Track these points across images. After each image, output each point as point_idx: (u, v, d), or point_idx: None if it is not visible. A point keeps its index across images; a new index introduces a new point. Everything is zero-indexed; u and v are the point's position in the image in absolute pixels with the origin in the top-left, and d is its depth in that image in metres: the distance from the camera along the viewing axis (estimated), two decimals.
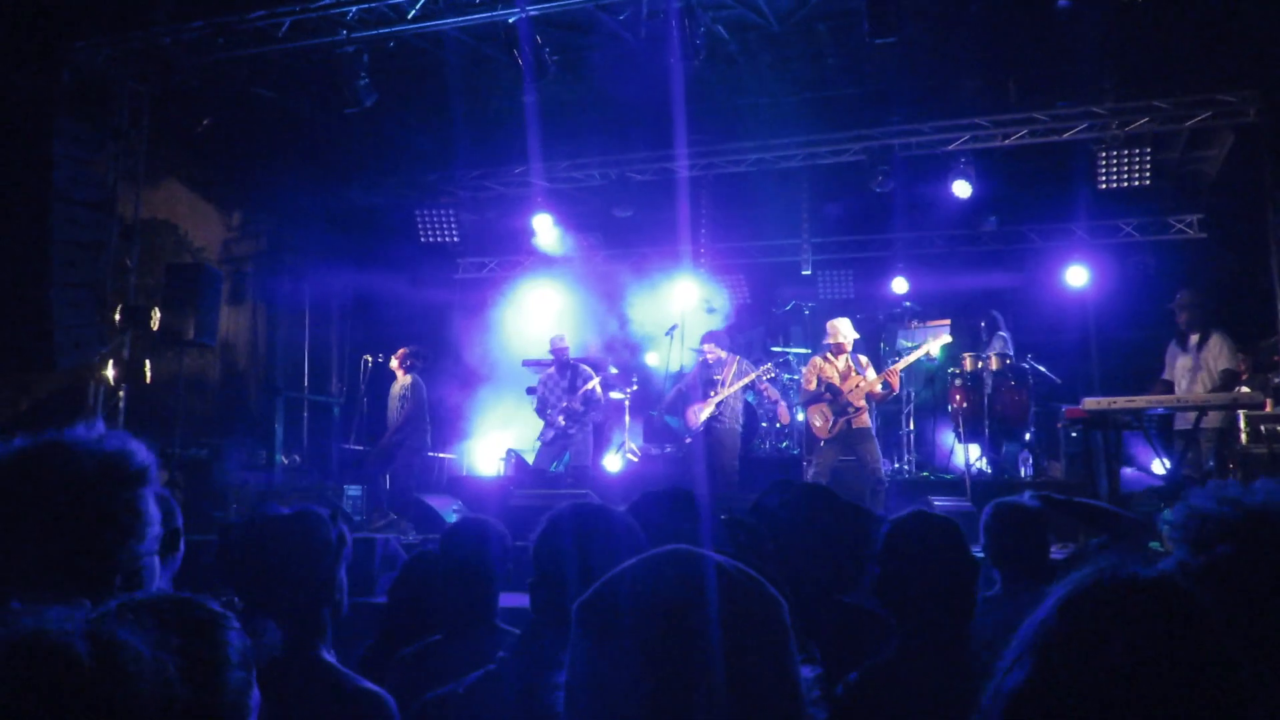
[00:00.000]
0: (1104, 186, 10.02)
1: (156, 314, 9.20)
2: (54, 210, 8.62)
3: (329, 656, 2.38)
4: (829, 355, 8.79)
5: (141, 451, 1.72)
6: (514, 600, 5.13)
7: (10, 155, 8.60)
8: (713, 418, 9.37)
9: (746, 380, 9.45)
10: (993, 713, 0.93)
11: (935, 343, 9.35)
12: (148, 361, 9.35)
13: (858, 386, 8.55)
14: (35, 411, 9.12)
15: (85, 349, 8.92)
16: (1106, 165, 9.93)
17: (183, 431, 9.84)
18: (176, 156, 10.62)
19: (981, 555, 3.90)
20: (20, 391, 9.24)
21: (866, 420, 8.59)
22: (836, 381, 8.62)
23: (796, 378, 11.21)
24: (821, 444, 8.73)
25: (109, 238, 9.24)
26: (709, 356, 9.63)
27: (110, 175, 9.29)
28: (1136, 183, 9.91)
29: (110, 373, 9.09)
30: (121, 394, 9.28)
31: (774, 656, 1.05)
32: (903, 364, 9.16)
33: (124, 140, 9.43)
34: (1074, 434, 9.47)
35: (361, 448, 11.50)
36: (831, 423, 8.58)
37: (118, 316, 9.10)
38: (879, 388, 8.65)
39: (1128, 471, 8.64)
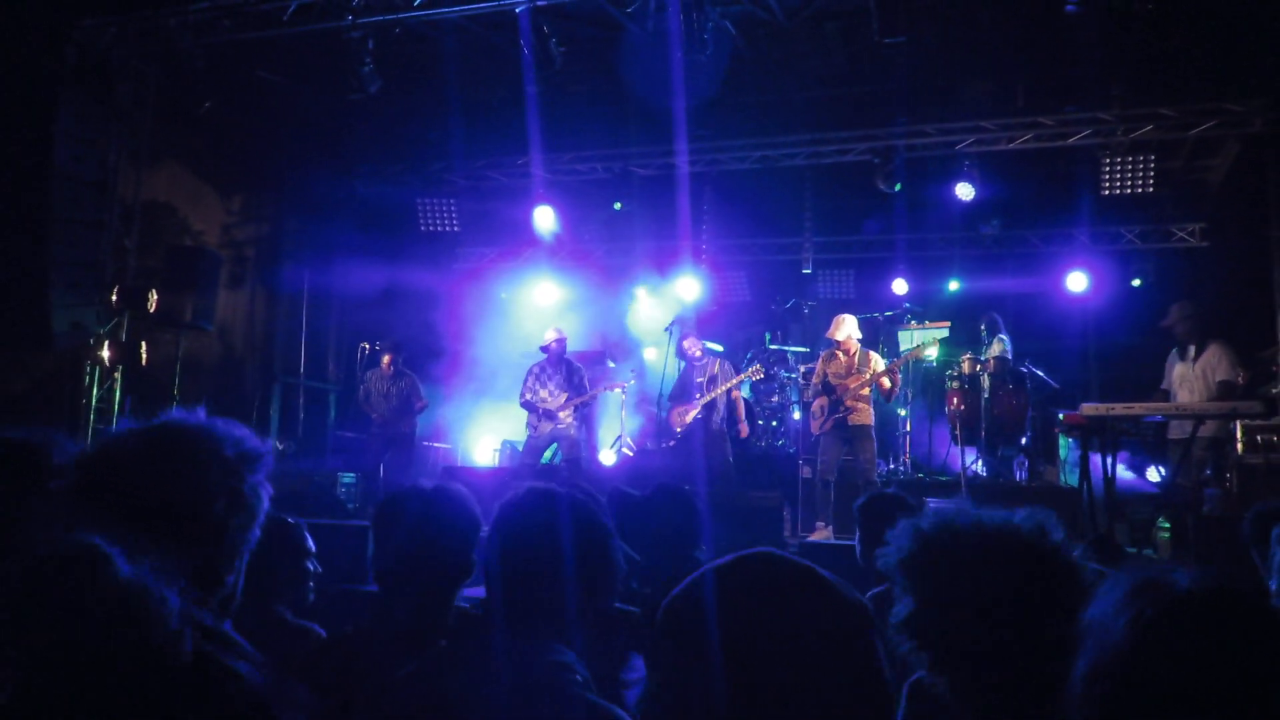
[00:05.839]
0: (1107, 193, 10.01)
1: (154, 296, 9.16)
2: (54, 188, 8.59)
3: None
4: (836, 351, 8.75)
5: (255, 437, 1.70)
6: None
7: (12, 132, 8.56)
8: (698, 419, 9.35)
9: (726, 387, 9.39)
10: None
11: (930, 344, 9.37)
12: (144, 343, 9.32)
13: (856, 384, 8.50)
14: (31, 391, 9.09)
15: (82, 329, 8.89)
16: (1110, 171, 9.92)
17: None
18: (178, 139, 10.57)
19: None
20: (16, 370, 9.20)
21: (864, 418, 8.50)
22: (840, 376, 8.58)
23: (794, 375, 11.21)
24: (820, 440, 8.70)
25: (109, 218, 9.21)
26: (693, 350, 9.61)
27: (112, 155, 9.26)
28: (1140, 190, 9.90)
29: (106, 354, 9.06)
30: (117, 375, 9.26)
31: (860, 660, 1.04)
32: (899, 361, 9.16)
33: (127, 120, 9.39)
34: (1071, 440, 9.46)
35: (356, 435, 11.49)
36: (823, 419, 8.55)
37: (115, 297, 9.07)
38: (885, 382, 8.56)
39: (1123, 478, 8.64)
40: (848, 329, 8.68)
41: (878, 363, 8.65)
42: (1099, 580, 0.94)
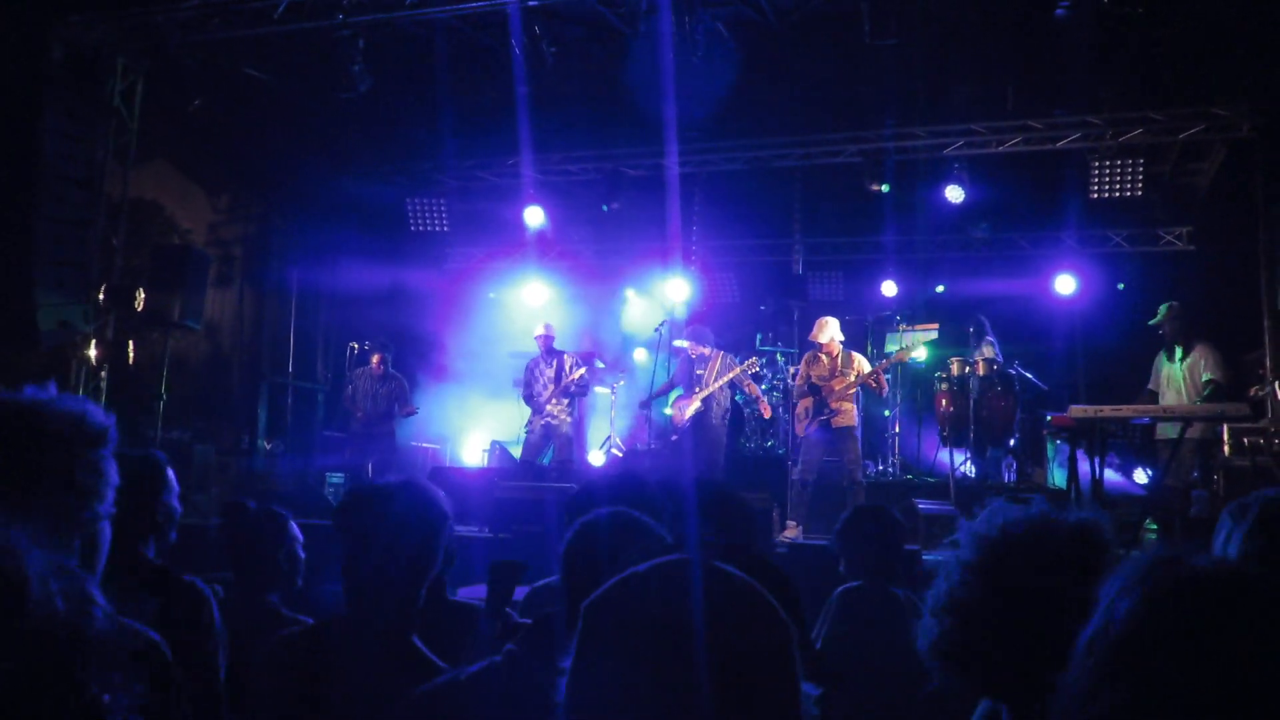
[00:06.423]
0: (1096, 196, 10.05)
1: (141, 295, 9.12)
2: (41, 186, 8.53)
3: (419, 643, 2.23)
4: (819, 354, 8.78)
5: (100, 413, 1.66)
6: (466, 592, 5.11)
7: None
8: (698, 413, 9.36)
9: (730, 376, 9.42)
10: None
11: (916, 347, 9.42)
12: (131, 342, 9.27)
13: (840, 386, 8.53)
14: (15, 390, 9.01)
15: (69, 328, 8.83)
16: (1099, 175, 9.96)
17: (165, 414, 9.76)
18: (166, 137, 10.52)
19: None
20: (1, 369, 9.14)
21: (848, 420, 8.54)
22: (823, 378, 8.62)
23: (783, 377, 11.22)
24: (803, 441, 8.74)
25: (96, 216, 9.15)
26: (691, 353, 9.63)
27: (99, 153, 9.19)
28: (1128, 193, 9.95)
29: (93, 353, 9.01)
30: (104, 374, 9.20)
31: (776, 679, 1.04)
32: (884, 364, 9.20)
33: (115, 118, 9.34)
34: (1059, 441, 9.49)
35: (343, 435, 11.46)
36: (808, 421, 8.59)
37: (101, 296, 9.02)
38: (873, 382, 8.59)
39: (1111, 480, 8.67)
40: (830, 331, 8.72)
41: (862, 364, 8.68)
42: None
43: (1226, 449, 8.26)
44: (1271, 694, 0.77)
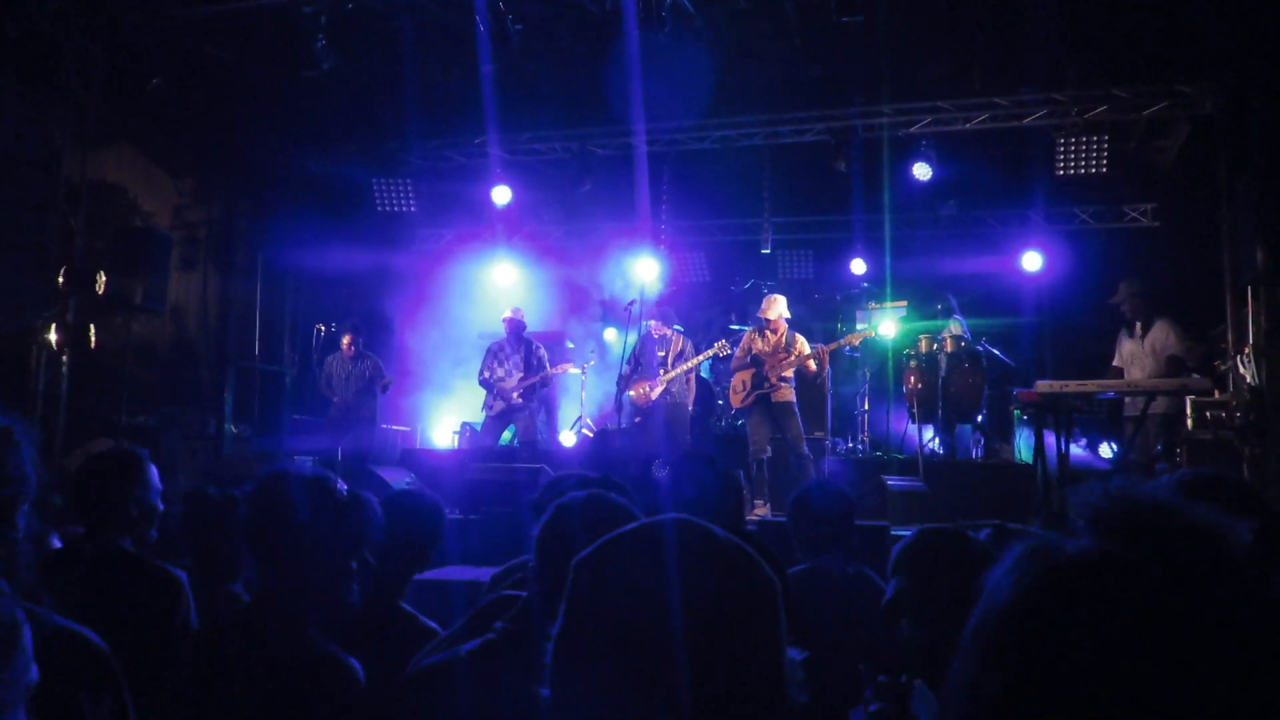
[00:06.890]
0: (1062, 173, 10.10)
1: (102, 278, 8.97)
2: None
3: (322, 641, 2.17)
4: (766, 329, 8.91)
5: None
6: (461, 573, 5.10)
7: None
8: (662, 394, 9.41)
9: (690, 365, 9.45)
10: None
11: (866, 332, 9.54)
12: (92, 326, 9.12)
13: (781, 362, 8.67)
14: None
15: (27, 312, 8.68)
16: (1065, 152, 10.01)
17: (129, 399, 9.63)
18: (127, 118, 10.32)
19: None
20: None
21: (787, 395, 8.75)
22: (766, 354, 8.76)
23: None
24: (745, 416, 8.88)
25: (54, 199, 8.98)
26: (655, 333, 9.66)
27: (57, 135, 9.01)
28: (1094, 170, 10.00)
29: (53, 337, 8.85)
30: (65, 359, 9.06)
31: (761, 634, 1.05)
32: (832, 346, 9.29)
33: (72, 99, 9.15)
34: (1026, 416, 9.58)
35: (313, 418, 11.37)
36: (745, 394, 8.73)
37: (61, 279, 8.86)
38: (812, 364, 8.75)
39: (1076, 454, 8.77)
40: (779, 309, 8.88)
41: (803, 345, 8.89)
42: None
43: (1190, 423, 8.38)
44: (1133, 673, 0.77)
